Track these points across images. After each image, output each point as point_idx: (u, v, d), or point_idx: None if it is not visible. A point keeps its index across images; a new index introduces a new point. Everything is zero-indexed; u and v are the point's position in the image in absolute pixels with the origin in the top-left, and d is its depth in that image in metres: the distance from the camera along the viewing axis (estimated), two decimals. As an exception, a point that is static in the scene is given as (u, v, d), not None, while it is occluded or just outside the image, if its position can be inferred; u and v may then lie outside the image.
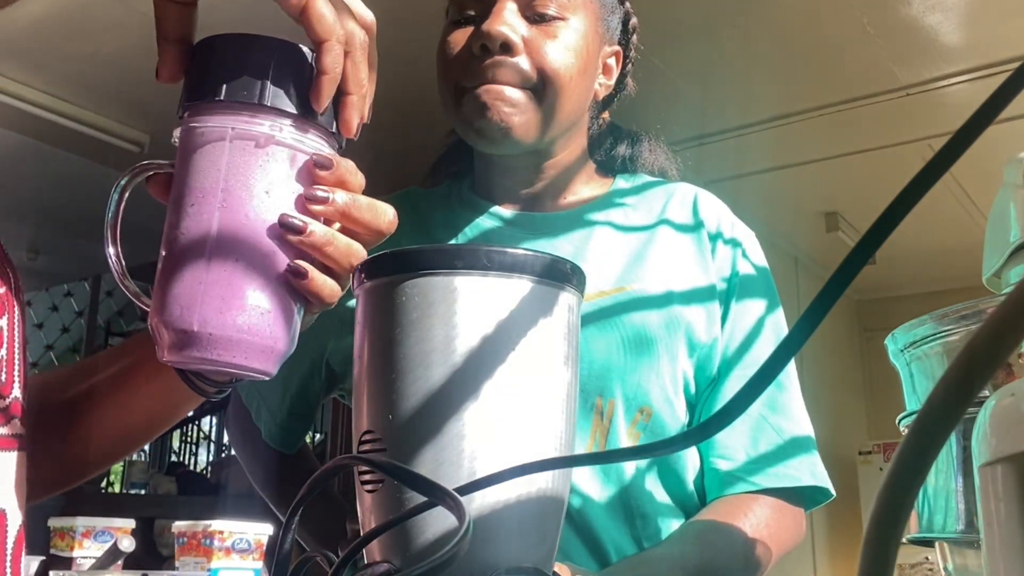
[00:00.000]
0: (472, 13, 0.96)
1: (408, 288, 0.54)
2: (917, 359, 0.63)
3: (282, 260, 0.57)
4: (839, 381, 4.88)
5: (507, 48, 0.92)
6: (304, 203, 0.57)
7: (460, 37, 0.96)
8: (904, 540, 0.47)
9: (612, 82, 1.06)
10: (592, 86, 1.01)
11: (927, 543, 0.61)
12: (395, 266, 0.55)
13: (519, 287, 0.54)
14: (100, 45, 2.84)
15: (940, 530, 0.57)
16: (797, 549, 0.99)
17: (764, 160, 3.58)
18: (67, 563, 2.15)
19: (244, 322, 0.56)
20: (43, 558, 2.17)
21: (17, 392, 0.63)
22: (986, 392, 0.43)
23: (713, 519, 0.94)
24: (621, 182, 1.11)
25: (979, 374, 0.25)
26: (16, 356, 0.64)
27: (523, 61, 0.93)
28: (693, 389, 0.99)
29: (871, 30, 2.73)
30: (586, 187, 1.08)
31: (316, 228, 0.57)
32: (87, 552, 2.17)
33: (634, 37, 1.09)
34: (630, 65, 1.10)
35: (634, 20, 1.09)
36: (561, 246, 1.01)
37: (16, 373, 0.63)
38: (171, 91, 0.62)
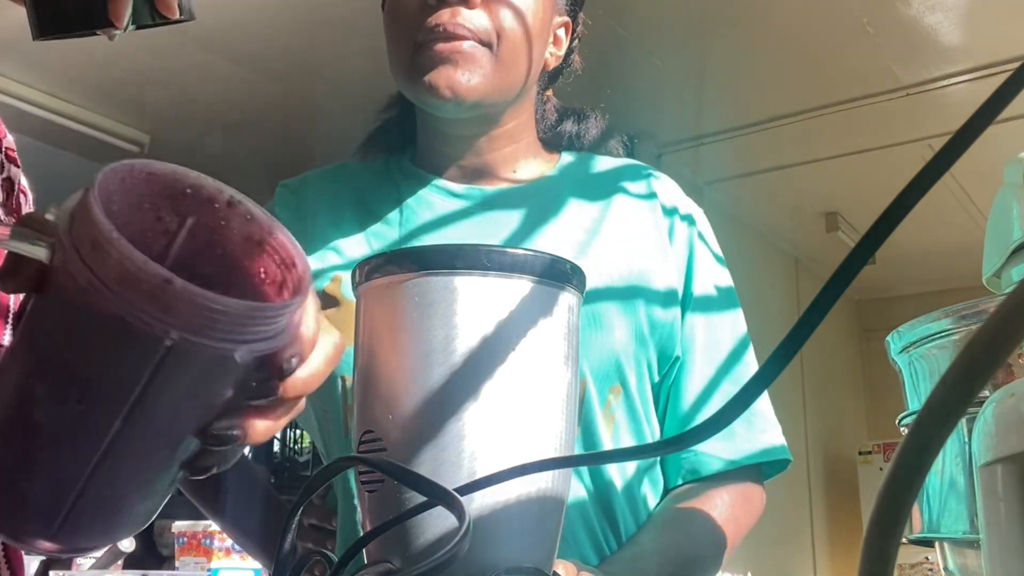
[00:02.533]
0: None
1: (408, 288, 0.54)
2: (918, 359, 0.63)
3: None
4: (839, 381, 4.87)
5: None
6: None
7: None
8: (904, 540, 0.46)
9: (561, 53, 1.04)
10: (544, 54, 0.99)
11: (927, 543, 0.61)
12: (395, 266, 0.55)
13: (519, 287, 0.54)
14: (100, 45, 2.84)
15: (941, 530, 0.57)
16: (798, 549, 1.01)
17: (764, 160, 3.57)
18: (67, 563, 2.14)
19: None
20: (43, 558, 2.16)
21: None
22: (986, 392, 0.43)
23: (690, 507, 0.95)
24: (568, 157, 1.09)
25: (979, 374, 0.25)
26: None
27: (480, 15, 0.90)
28: (657, 369, 0.98)
29: (871, 30, 2.73)
30: (533, 161, 1.05)
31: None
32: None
33: (581, 13, 1.07)
34: (577, 40, 1.08)
35: None
36: (513, 222, 0.99)
37: None
38: (171, 91, 0.62)
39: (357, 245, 0.99)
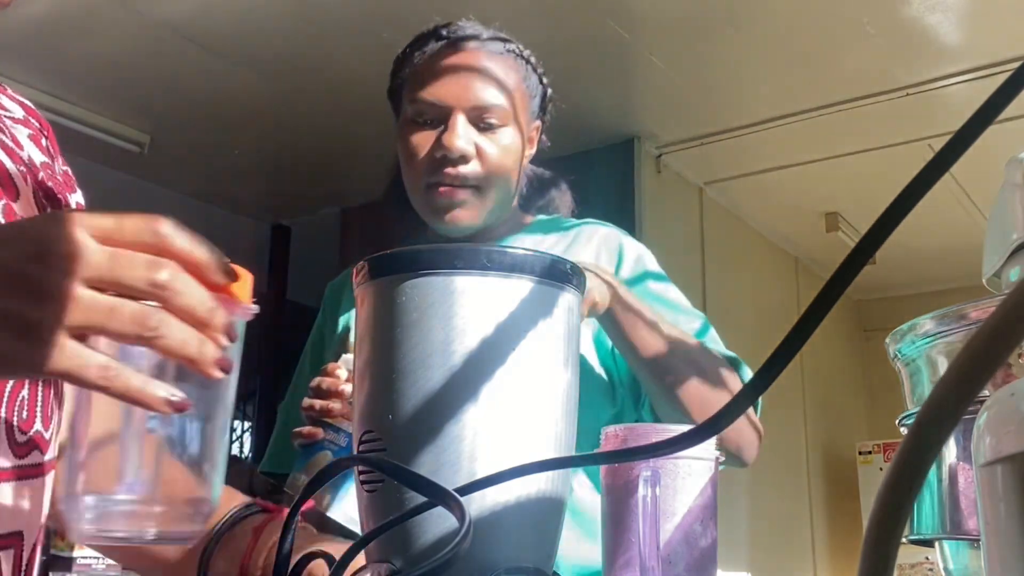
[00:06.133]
0: (428, 119, 1.11)
1: (408, 288, 0.54)
2: (917, 359, 0.63)
3: None
4: (839, 381, 4.87)
5: (464, 158, 1.09)
6: None
7: (421, 140, 1.11)
8: (904, 540, 0.46)
9: (535, 149, 1.23)
10: (524, 163, 1.19)
11: (927, 543, 0.61)
12: (395, 266, 0.55)
13: (519, 287, 0.54)
14: (100, 45, 2.84)
15: (940, 530, 0.57)
16: (798, 549, 1.01)
17: (764, 160, 3.57)
18: (67, 563, 2.14)
19: None
20: (43, 558, 2.17)
21: (39, 426, 0.64)
22: (986, 392, 0.43)
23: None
24: (541, 216, 1.28)
25: (979, 374, 0.25)
26: (40, 394, 0.65)
27: (475, 166, 1.10)
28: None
29: (871, 30, 2.73)
30: (509, 223, 1.23)
31: None
32: (87, 552, 2.16)
33: (550, 105, 1.24)
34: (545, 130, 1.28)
35: (550, 91, 1.23)
36: None
37: (39, 409, 0.65)
38: (171, 91, 0.62)
39: None
